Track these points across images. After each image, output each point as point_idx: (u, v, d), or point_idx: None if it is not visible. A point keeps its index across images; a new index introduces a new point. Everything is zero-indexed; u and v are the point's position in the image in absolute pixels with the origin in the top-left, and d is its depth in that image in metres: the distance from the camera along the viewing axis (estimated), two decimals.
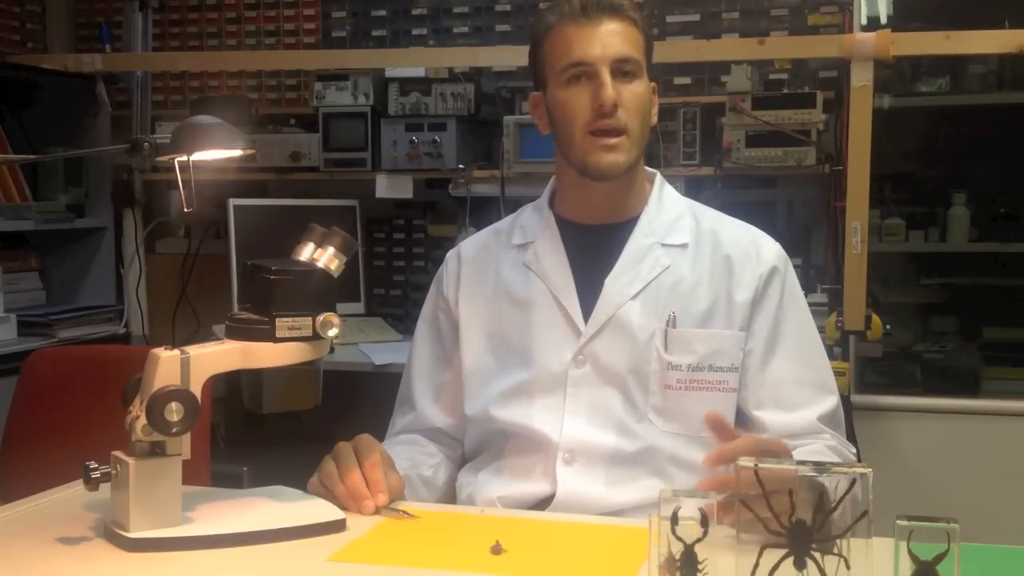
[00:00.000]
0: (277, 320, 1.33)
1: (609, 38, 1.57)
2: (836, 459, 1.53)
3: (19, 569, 1.24)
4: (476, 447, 1.69)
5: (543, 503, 1.58)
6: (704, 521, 1.08)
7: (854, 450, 1.65)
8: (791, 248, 1.77)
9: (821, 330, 2.73)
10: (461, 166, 3.23)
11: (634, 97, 1.58)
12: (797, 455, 1.47)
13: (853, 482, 1.05)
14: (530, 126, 1.74)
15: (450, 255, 1.79)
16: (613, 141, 1.57)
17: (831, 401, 1.63)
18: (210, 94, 3.76)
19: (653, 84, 1.65)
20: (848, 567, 1.06)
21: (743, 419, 1.61)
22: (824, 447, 1.57)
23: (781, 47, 3.11)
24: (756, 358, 1.61)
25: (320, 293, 1.37)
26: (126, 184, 3.49)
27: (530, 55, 1.68)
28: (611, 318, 1.61)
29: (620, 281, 1.62)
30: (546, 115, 1.66)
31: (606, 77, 1.56)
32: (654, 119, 1.66)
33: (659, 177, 1.72)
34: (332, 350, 1.41)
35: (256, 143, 1.97)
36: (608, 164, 1.58)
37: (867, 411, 2.83)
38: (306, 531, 1.34)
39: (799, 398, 1.61)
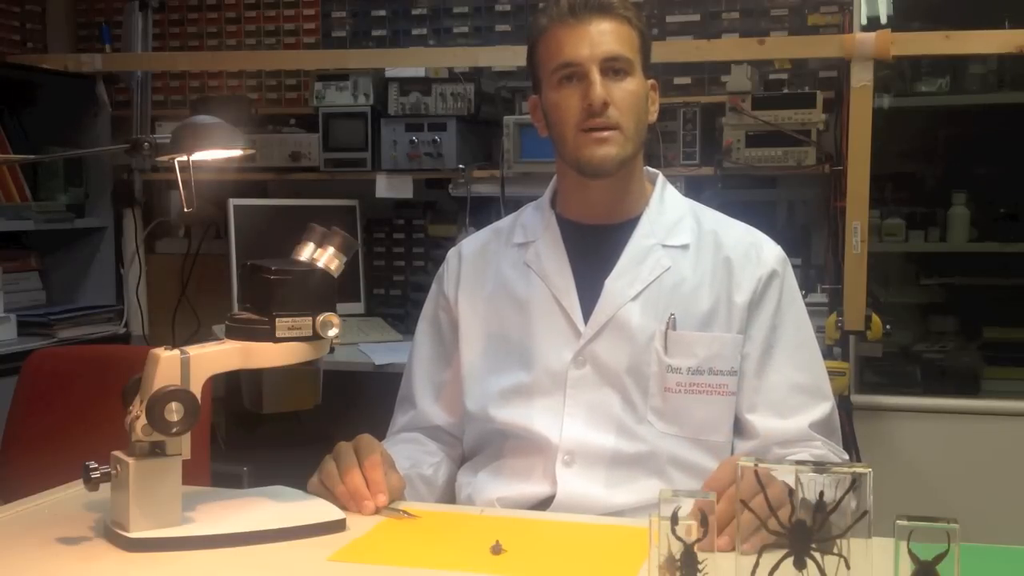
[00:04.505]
0: (277, 320, 1.33)
1: (598, 37, 1.57)
2: None
3: (19, 569, 1.24)
4: (475, 446, 1.69)
5: (543, 504, 1.58)
6: (704, 521, 1.07)
7: (846, 456, 1.64)
8: (791, 248, 1.77)
9: (821, 330, 2.76)
10: (461, 166, 3.23)
11: (626, 95, 1.58)
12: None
13: (853, 482, 1.05)
14: (530, 126, 1.74)
15: (451, 253, 1.79)
16: (605, 135, 1.57)
17: (825, 407, 1.62)
18: (210, 94, 3.76)
19: (651, 81, 1.65)
20: (848, 567, 1.06)
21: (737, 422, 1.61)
22: (810, 457, 1.55)
23: (781, 47, 3.11)
24: (753, 361, 1.61)
25: (320, 293, 1.37)
26: (126, 184, 3.49)
27: (527, 59, 1.68)
28: (611, 319, 1.60)
29: (620, 282, 1.62)
30: (543, 118, 1.66)
31: (595, 76, 1.56)
32: (653, 116, 1.65)
33: (661, 178, 1.72)
34: (332, 350, 1.41)
35: (256, 143, 1.97)
36: (600, 157, 1.58)
37: (867, 411, 2.83)
38: (306, 531, 1.34)
39: (793, 404, 1.60)
